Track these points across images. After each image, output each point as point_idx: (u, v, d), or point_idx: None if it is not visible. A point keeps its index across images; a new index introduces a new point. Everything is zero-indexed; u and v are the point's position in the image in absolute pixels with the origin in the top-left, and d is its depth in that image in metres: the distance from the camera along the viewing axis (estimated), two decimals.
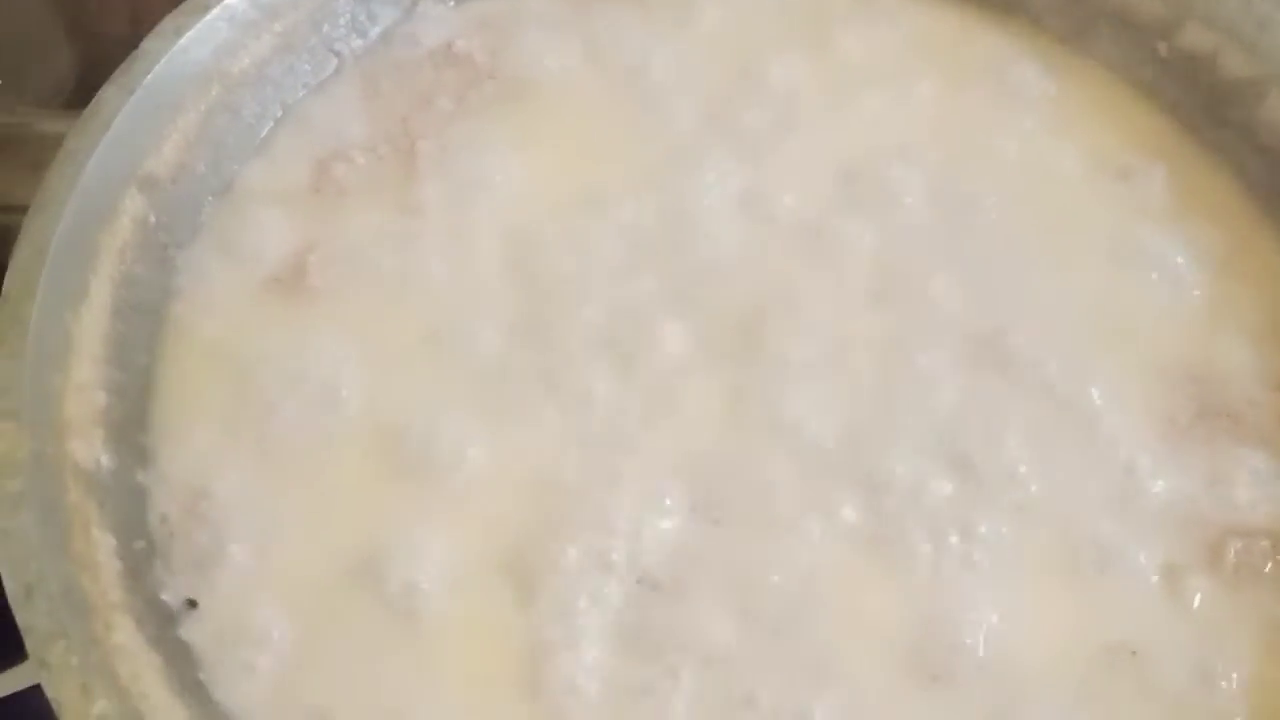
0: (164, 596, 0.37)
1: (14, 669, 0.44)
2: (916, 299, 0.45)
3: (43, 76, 0.69)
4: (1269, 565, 0.40)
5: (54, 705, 0.31)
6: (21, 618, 0.32)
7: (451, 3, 0.52)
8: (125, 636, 0.34)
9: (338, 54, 0.50)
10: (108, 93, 0.43)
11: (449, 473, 0.40)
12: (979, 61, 0.51)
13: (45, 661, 0.32)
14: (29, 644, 0.32)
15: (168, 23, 0.45)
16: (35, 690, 0.32)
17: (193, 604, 0.37)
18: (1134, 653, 0.38)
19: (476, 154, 0.47)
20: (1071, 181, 0.49)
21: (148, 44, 0.44)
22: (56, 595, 0.33)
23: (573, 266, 0.45)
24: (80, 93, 0.65)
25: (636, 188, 0.47)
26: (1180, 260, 0.46)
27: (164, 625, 0.36)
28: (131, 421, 0.40)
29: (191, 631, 0.37)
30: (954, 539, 0.40)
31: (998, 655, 0.38)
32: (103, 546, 0.36)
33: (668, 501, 0.40)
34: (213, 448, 0.41)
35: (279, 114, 0.48)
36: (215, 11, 0.45)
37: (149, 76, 0.43)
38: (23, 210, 0.49)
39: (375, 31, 0.51)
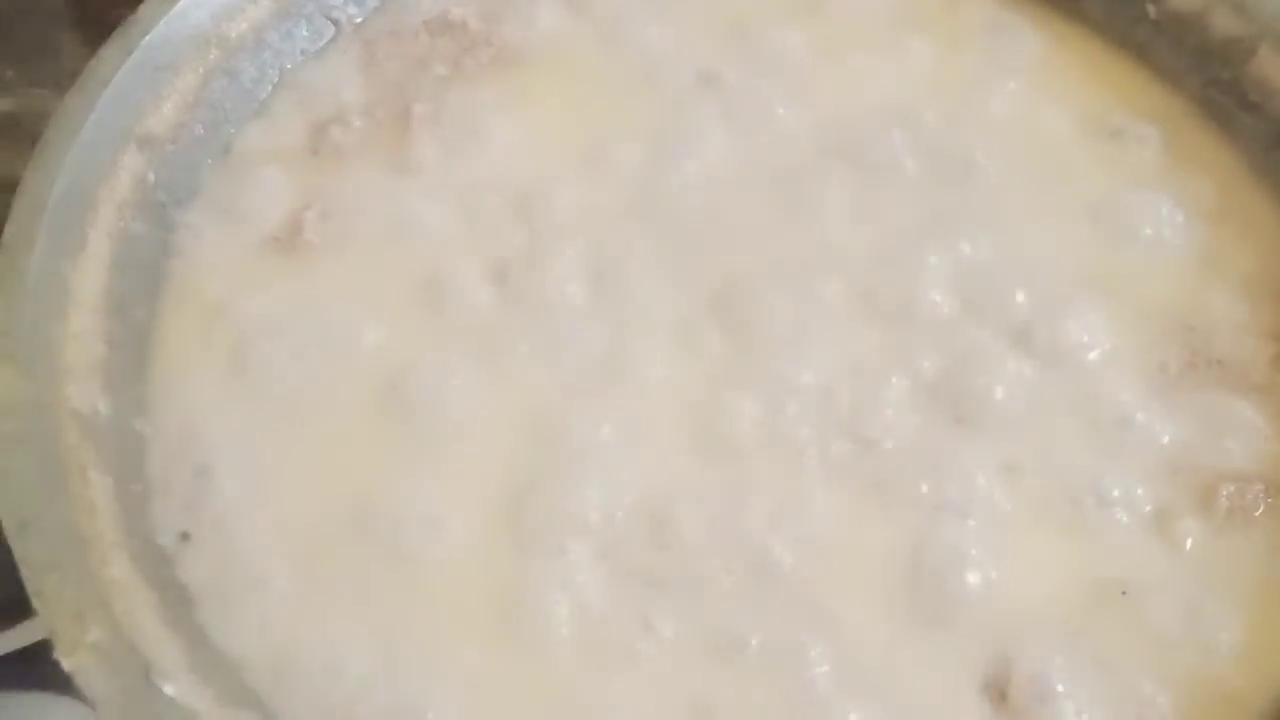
0: (160, 539, 0.38)
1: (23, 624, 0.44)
2: (908, 257, 0.45)
3: (52, 67, 0.69)
4: (1260, 509, 0.40)
5: (49, 634, 0.32)
6: (17, 549, 0.33)
7: None
8: (121, 572, 0.35)
9: (335, 21, 0.50)
10: (106, 53, 0.43)
11: (443, 419, 0.41)
12: (970, 25, 0.52)
13: (39, 591, 0.32)
14: (25, 575, 0.33)
15: None
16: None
17: (185, 537, 0.37)
18: (1124, 592, 0.38)
19: (471, 116, 0.48)
20: (1063, 141, 0.49)
21: (145, 9, 0.45)
22: (52, 530, 0.34)
23: (567, 220, 0.45)
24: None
25: (629, 146, 0.47)
26: (1170, 215, 0.46)
27: (160, 565, 0.37)
28: (129, 371, 0.40)
29: (188, 572, 0.38)
30: (948, 484, 0.40)
31: (992, 595, 0.38)
32: (100, 488, 0.36)
33: (657, 445, 0.40)
34: (210, 397, 0.41)
35: (277, 79, 0.49)
36: None
37: (147, 38, 0.44)
38: None
39: (372, 0, 0.51)
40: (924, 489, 0.40)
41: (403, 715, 0.35)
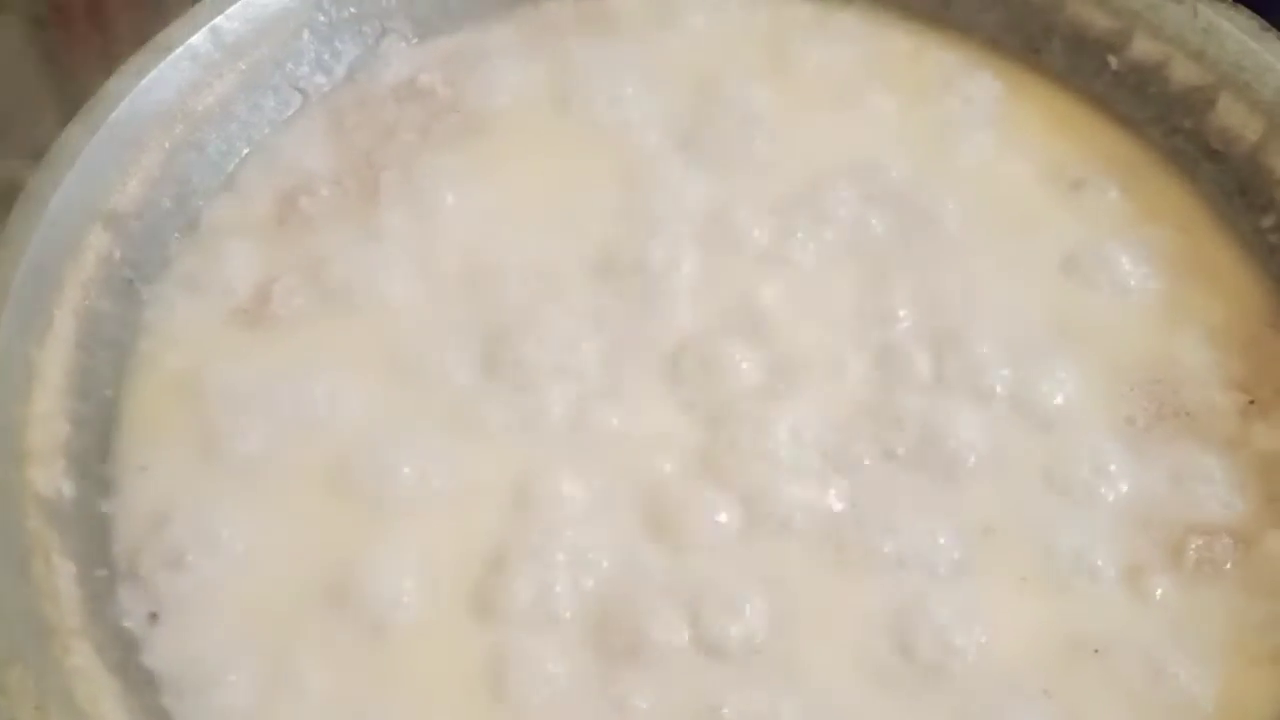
0: (126, 624, 0.38)
1: None
2: (879, 309, 0.46)
3: (27, 137, 0.70)
4: (1229, 563, 0.40)
5: None
6: None
7: (414, 39, 0.53)
8: (84, 660, 0.35)
9: (302, 91, 0.51)
10: (71, 132, 0.44)
11: (411, 494, 0.41)
12: (935, 77, 0.52)
13: (4, 686, 0.32)
14: None
15: (131, 63, 0.46)
16: None
17: (154, 618, 0.37)
18: (1097, 651, 0.38)
19: (439, 183, 0.48)
20: (1027, 192, 0.49)
21: (111, 84, 0.45)
22: (14, 618, 0.34)
23: (534, 291, 0.46)
24: None
25: (599, 212, 0.48)
26: (1135, 266, 0.47)
27: (126, 651, 0.37)
28: (94, 452, 0.41)
29: (154, 656, 0.37)
30: (915, 544, 0.40)
31: (962, 656, 0.38)
32: (63, 573, 0.36)
33: (620, 523, 0.40)
34: (177, 477, 0.41)
35: (245, 150, 0.49)
36: (178, 51, 0.46)
37: (113, 114, 0.44)
38: None
39: (339, 69, 0.51)
40: (888, 549, 0.40)
41: None
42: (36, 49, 0.73)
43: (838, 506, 0.41)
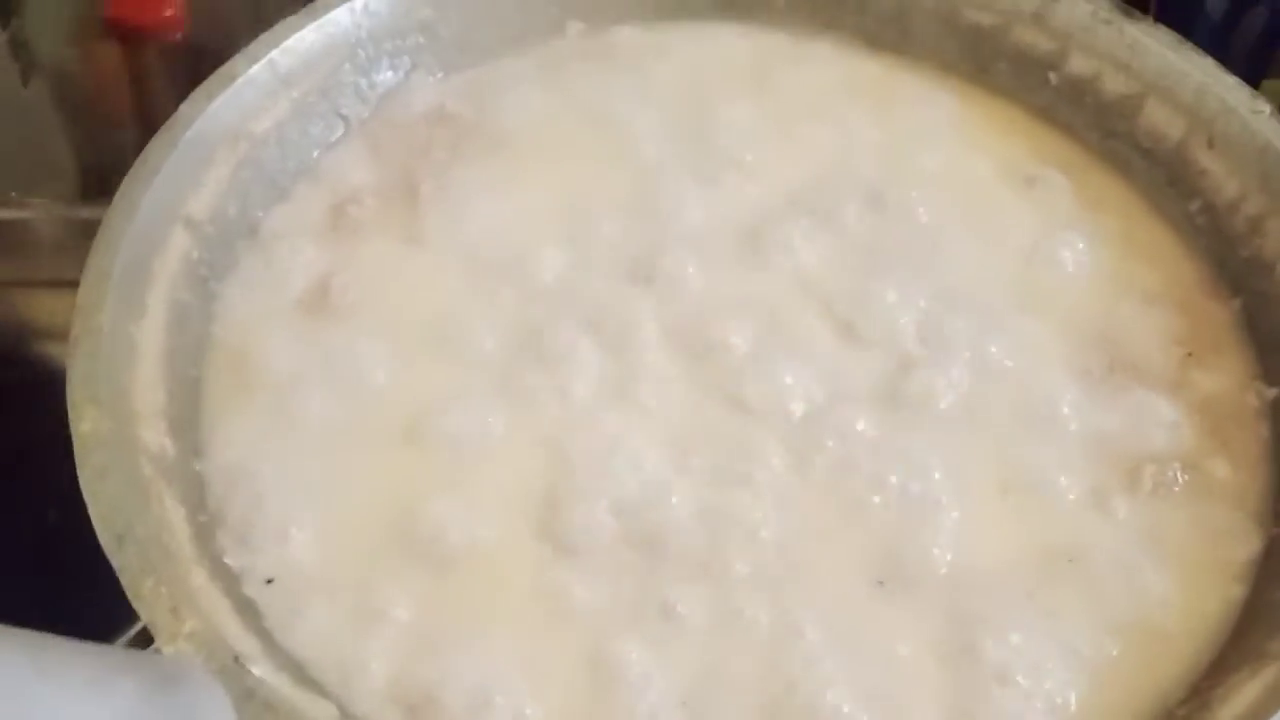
0: (227, 560, 0.42)
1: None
2: (864, 292, 0.52)
3: (51, 183, 0.75)
4: (1179, 485, 0.47)
5: (151, 628, 0.36)
6: (116, 560, 0.38)
7: (440, 74, 0.59)
8: (201, 582, 0.39)
9: (345, 118, 0.57)
10: (154, 146, 0.49)
11: (463, 446, 0.46)
12: (902, 96, 0.59)
13: (139, 594, 0.37)
14: (124, 581, 0.37)
15: (201, 90, 0.52)
16: None
17: (270, 582, 0.42)
18: (1071, 560, 0.44)
19: (471, 192, 0.54)
20: (988, 189, 0.56)
21: (185, 108, 0.51)
22: (144, 543, 0.39)
23: (557, 277, 0.52)
24: (86, 198, 0.73)
25: (610, 211, 0.54)
26: (1084, 246, 0.54)
27: (230, 582, 0.42)
28: (186, 419, 0.46)
29: (254, 592, 0.42)
30: (908, 477, 0.46)
31: (950, 570, 0.44)
32: (175, 513, 0.41)
33: (651, 466, 0.46)
34: (255, 440, 0.46)
35: (297, 168, 0.55)
36: (240, 80, 0.52)
37: (187, 133, 0.50)
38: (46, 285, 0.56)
39: (375, 98, 0.58)
40: (892, 479, 0.46)
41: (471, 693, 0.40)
42: (67, 108, 0.78)
43: (831, 443, 0.47)
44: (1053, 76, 0.58)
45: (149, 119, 0.56)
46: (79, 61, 0.76)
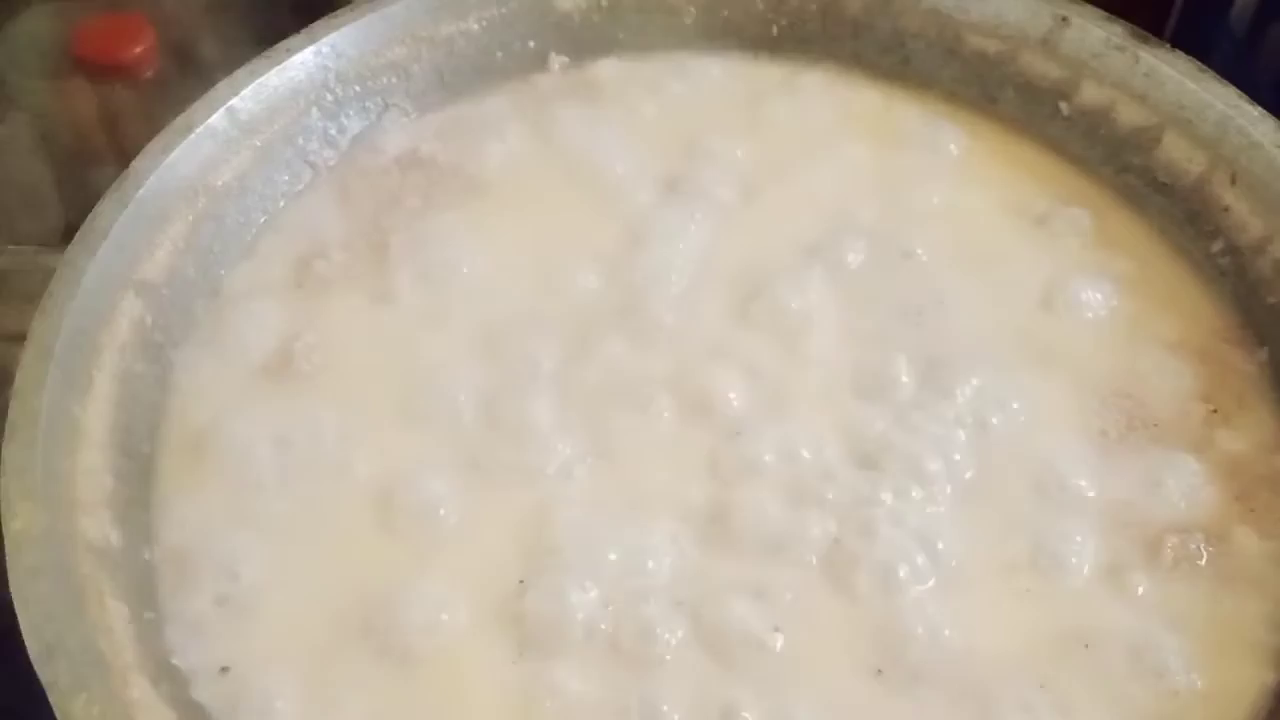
0: (175, 661, 0.40)
1: None
2: (860, 347, 0.49)
3: (33, 224, 0.73)
4: (1203, 558, 0.43)
5: None
6: (44, 675, 0.35)
7: (413, 113, 0.57)
8: (141, 693, 0.36)
9: (312, 165, 0.54)
10: (103, 207, 0.46)
11: (434, 527, 0.43)
12: (902, 128, 0.56)
13: (69, 715, 0.34)
14: (53, 699, 0.34)
15: (156, 143, 0.49)
16: None
17: (225, 670, 0.39)
18: (1086, 645, 0.41)
19: (443, 244, 0.51)
20: (994, 229, 0.53)
21: (138, 163, 0.48)
22: (76, 654, 0.36)
23: (537, 340, 0.49)
24: (69, 238, 0.70)
25: (593, 264, 0.51)
26: (1098, 291, 0.50)
27: (178, 686, 0.39)
28: (136, 503, 0.43)
29: (204, 694, 0.39)
30: (909, 551, 0.43)
31: (961, 655, 0.41)
32: (116, 614, 0.38)
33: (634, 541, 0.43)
34: (213, 523, 0.43)
35: (261, 220, 0.52)
36: (198, 131, 0.50)
37: (140, 191, 0.47)
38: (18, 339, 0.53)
39: (345, 143, 0.55)
40: (885, 556, 0.42)
41: None
42: (44, 145, 0.76)
43: (828, 527, 0.43)
44: (1064, 107, 0.55)
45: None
46: (52, 99, 0.73)
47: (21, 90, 0.75)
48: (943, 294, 0.50)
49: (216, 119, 0.50)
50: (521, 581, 0.42)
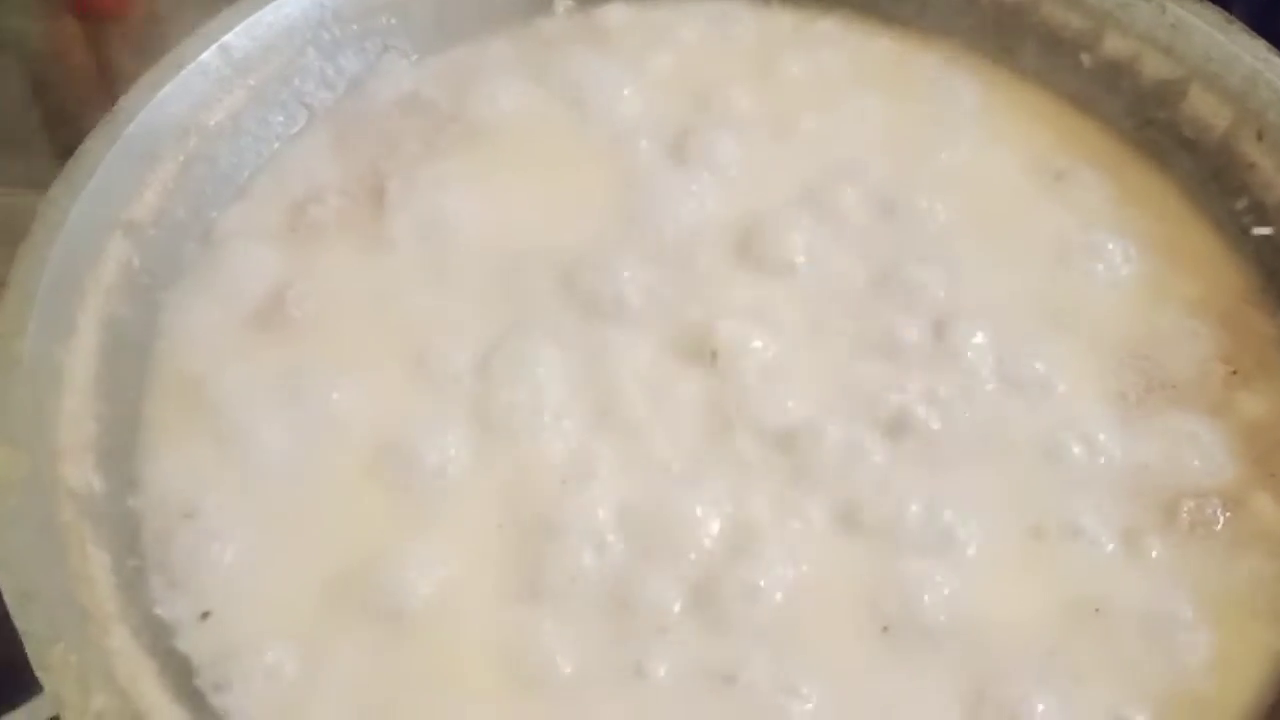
0: (158, 611, 0.38)
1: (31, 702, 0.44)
2: (872, 304, 0.47)
3: (22, 167, 0.71)
4: (1219, 523, 0.42)
5: (55, 704, 0.32)
6: (20, 623, 0.34)
7: (414, 56, 0.55)
8: (121, 642, 0.35)
9: (308, 107, 0.52)
10: (89, 144, 0.45)
11: (428, 480, 0.42)
12: (917, 80, 0.54)
13: (44, 664, 0.33)
14: (29, 648, 0.33)
15: (144, 79, 0.47)
16: None
17: (206, 615, 0.38)
18: (1097, 610, 0.40)
19: (443, 190, 0.50)
20: (1012, 185, 0.51)
21: (126, 100, 0.47)
22: (54, 602, 0.35)
23: (537, 291, 0.47)
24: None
25: (597, 215, 0.49)
26: (1117, 250, 0.49)
27: (160, 636, 0.38)
28: (121, 450, 0.42)
29: (188, 643, 0.38)
30: (921, 516, 0.41)
31: (971, 620, 0.39)
32: (97, 562, 0.37)
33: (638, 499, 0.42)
34: (199, 473, 0.42)
35: (255, 163, 0.50)
36: (189, 68, 0.48)
37: (129, 128, 0.46)
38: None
39: (342, 84, 0.53)
40: (897, 519, 0.41)
41: None
42: (32, 84, 0.74)
43: (839, 492, 0.42)
44: (1086, 59, 0.53)
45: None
46: (41, 38, 0.72)
47: (9, 30, 0.73)
48: (955, 251, 0.49)
49: (209, 56, 0.49)
50: (518, 532, 0.41)
